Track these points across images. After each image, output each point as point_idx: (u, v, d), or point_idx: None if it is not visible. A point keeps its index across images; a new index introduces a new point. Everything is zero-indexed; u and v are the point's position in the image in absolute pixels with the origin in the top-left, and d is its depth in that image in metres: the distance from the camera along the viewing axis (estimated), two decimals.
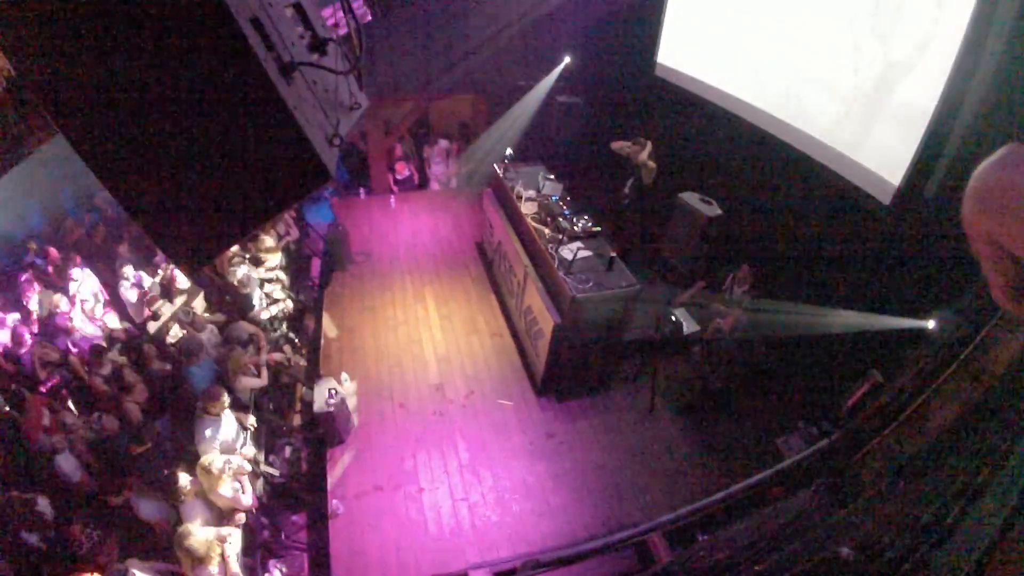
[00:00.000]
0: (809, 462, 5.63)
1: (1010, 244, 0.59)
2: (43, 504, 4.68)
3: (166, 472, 4.89)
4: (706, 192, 8.40)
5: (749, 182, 7.96)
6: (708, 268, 7.68)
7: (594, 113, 10.87)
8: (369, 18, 8.27)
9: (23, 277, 7.21)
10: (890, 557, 2.92)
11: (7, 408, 5.66)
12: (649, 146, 8.25)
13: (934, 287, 5.44)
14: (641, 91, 10.08)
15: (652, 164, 8.23)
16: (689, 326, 6.70)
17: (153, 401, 5.91)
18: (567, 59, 10.76)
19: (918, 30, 5.32)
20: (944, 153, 5.25)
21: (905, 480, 4.38)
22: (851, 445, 5.35)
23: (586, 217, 7.35)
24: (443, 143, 11.73)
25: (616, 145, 8.41)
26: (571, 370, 6.87)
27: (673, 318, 6.74)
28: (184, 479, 4.74)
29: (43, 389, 6.04)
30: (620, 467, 6.30)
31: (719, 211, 8.09)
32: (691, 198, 8.38)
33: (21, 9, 1.45)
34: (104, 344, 6.38)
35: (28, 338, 6.42)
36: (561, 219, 7.32)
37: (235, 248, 7.37)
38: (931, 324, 5.26)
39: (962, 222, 0.64)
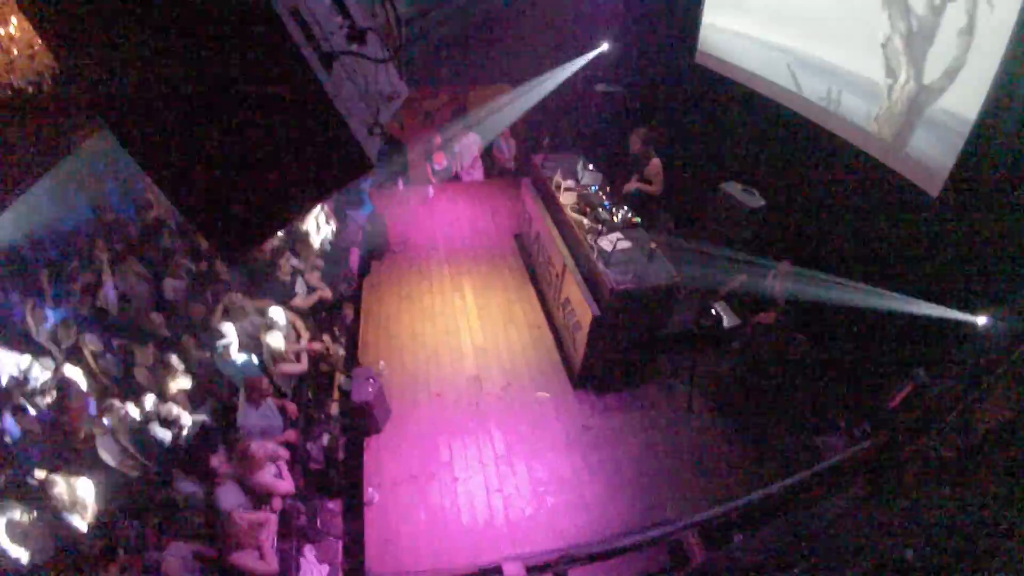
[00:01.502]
0: (850, 463, 5.50)
1: None
2: (85, 486, 4.81)
3: (206, 455, 5.00)
4: (748, 182, 8.23)
5: (793, 172, 7.77)
6: (750, 260, 7.53)
7: (634, 101, 10.71)
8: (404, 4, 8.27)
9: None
10: (946, 561, 2.83)
11: (55, 391, 5.85)
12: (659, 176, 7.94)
13: (984, 284, 5.24)
14: (682, 78, 9.90)
15: (654, 189, 7.97)
16: (729, 320, 6.59)
17: (197, 389, 6.04)
18: (604, 46, 10.61)
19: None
20: (990, 149, 5.07)
21: (951, 485, 4.24)
22: (894, 446, 5.20)
23: (626, 208, 7.27)
24: (473, 136, 11.69)
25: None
26: (609, 363, 6.81)
27: (713, 312, 6.62)
28: (218, 462, 4.84)
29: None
30: (657, 463, 6.23)
31: (762, 202, 7.91)
32: (733, 188, 8.21)
33: (62, 6, 1.46)
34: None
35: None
36: (600, 210, 7.24)
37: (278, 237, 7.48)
38: (981, 321, 5.07)
39: None
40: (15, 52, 4.79)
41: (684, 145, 9.69)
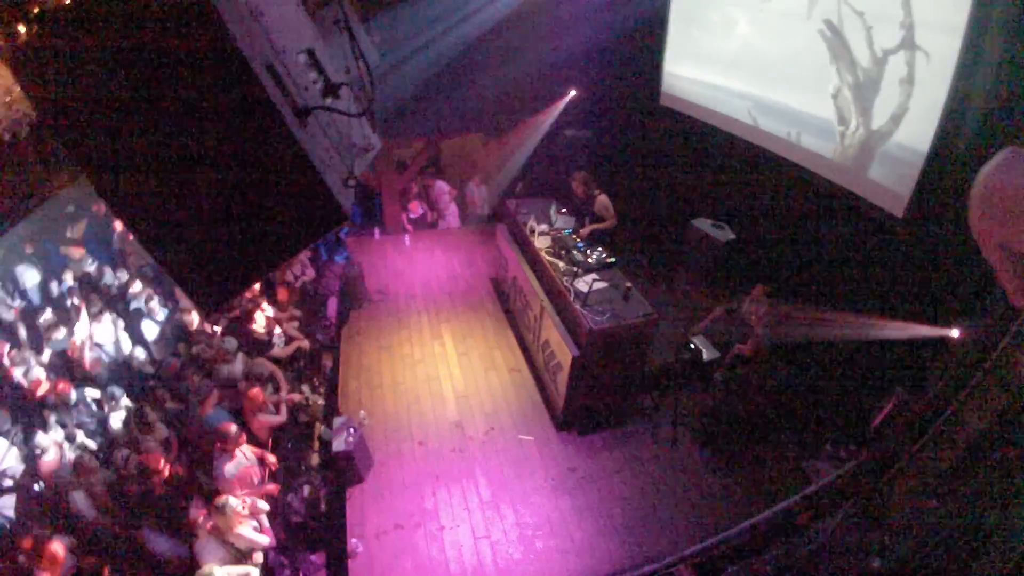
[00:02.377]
0: (838, 485, 5.51)
1: (1019, 246, 0.59)
2: (57, 545, 4.68)
3: (182, 509, 4.89)
4: (717, 217, 8.41)
5: (760, 204, 7.98)
6: (725, 293, 7.65)
7: (602, 145, 10.96)
8: (376, 59, 8.45)
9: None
10: (928, 569, 2.84)
11: (24, 444, 5.74)
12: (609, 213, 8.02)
13: (955, 297, 5.38)
14: (647, 121, 10.18)
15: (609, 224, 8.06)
16: (709, 353, 6.65)
17: (171, 440, 5.95)
18: (572, 92, 10.90)
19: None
20: (953, 159, 5.28)
21: (938, 496, 4.27)
22: (880, 465, 5.23)
23: (600, 248, 7.37)
24: (440, 183, 11.88)
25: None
26: (591, 403, 6.81)
27: (692, 346, 6.69)
28: (197, 515, 4.74)
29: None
30: (645, 500, 6.20)
31: (732, 235, 8.08)
32: (703, 224, 8.39)
33: (46, 55, 1.51)
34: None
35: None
36: (575, 252, 7.34)
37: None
38: (955, 333, 5.18)
39: (970, 228, 0.64)
40: None
41: (653, 185, 9.92)
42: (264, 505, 5.19)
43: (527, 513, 6.07)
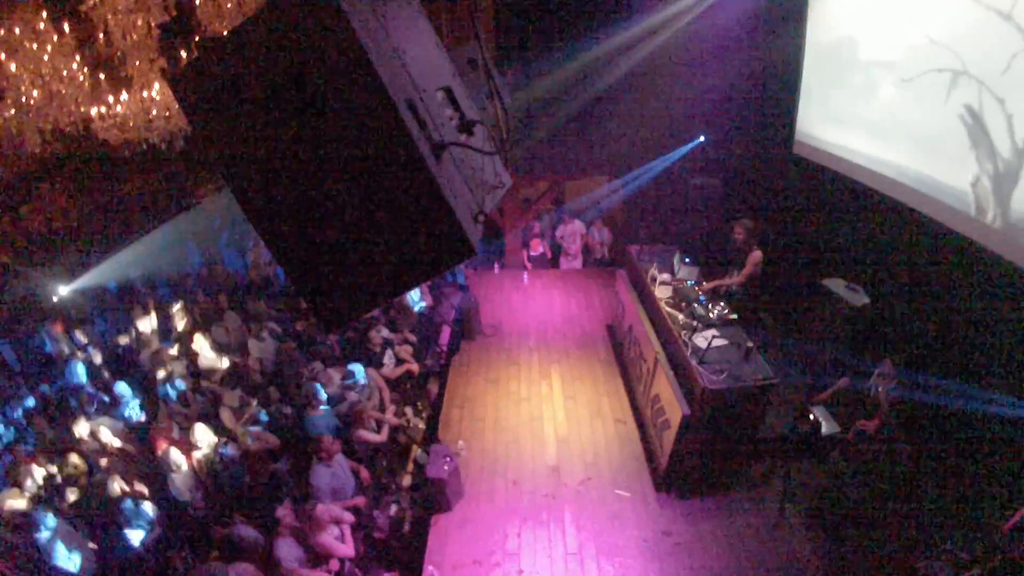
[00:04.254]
0: None
1: None
2: (149, 508, 5.01)
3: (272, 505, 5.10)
4: (852, 278, 7.86)
5: (898, 266, 7.36)
6: (853, 363, 7.10)
7: (731, 194, 10.64)
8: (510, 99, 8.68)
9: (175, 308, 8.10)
10: None
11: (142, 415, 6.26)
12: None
13: None
14: (780, 170, 9.80)
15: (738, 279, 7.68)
16: (829, 427, 6.17)
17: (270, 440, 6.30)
18: (701, 138, 10.70)
19: None
20: None
21: None
22: (1009, 574, 4.67)
23: (722, 304, 7.09)
24: (577, 223, 11.86)
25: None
26: (696, 466, 6.47)
27: (811, 417, 6.24)
28: (283, 514, 4.91)
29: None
30: None
31: (866, 299, 7.52)
32: (836, 285, 7.85)
33: (204, 79, 1.64)
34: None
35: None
36: (696, 305, 7.10)
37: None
38: None
39: None
40: (154, 112, 5.45)
41: (783, 239, 9.47)
42: (349, 516, 5.32)
43: (612, 571, 5.79)
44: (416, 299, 9.04)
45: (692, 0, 9.59)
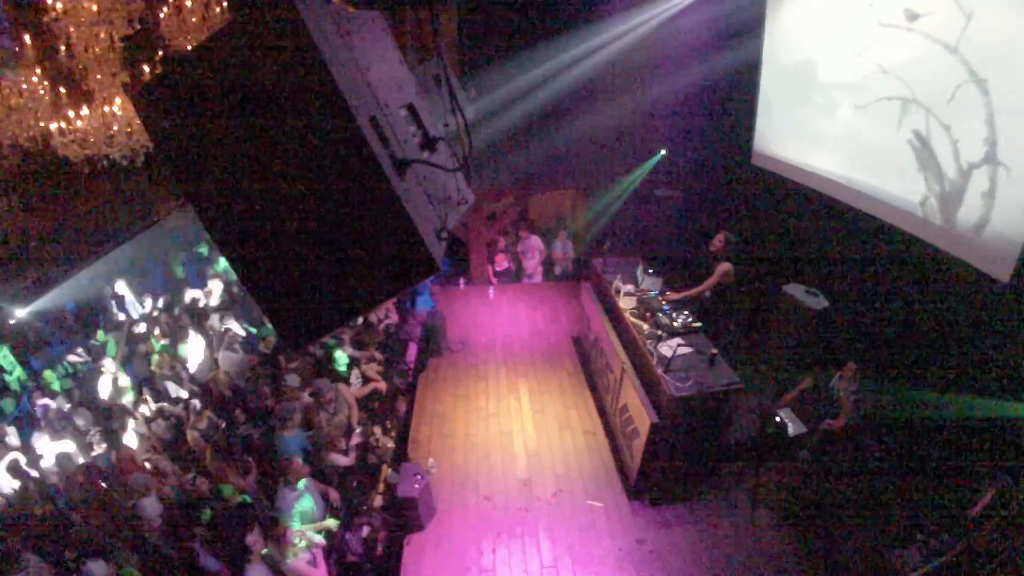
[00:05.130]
0: None
1: None
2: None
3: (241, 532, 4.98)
4: (811, 283, 8.06)
5: (856, 270, 7.60)
6: (816, 365, 7.27)
7: (692, 205, 10.84)
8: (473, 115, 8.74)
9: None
10: None
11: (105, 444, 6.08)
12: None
13: None
14: (740, 181, 10.06)
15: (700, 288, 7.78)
16: (795, 428, 6.30)
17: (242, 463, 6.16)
18: (663, 152, 10.89)
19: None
20: None
21: None
22: (977, 559, 4.82)
23: (686, 312, 7.19)
24: (536, 240, 11.96)
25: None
26: (667, 473, 6.53)
27: (777, 419, 6.36)
28: (253, 540, 4.81)
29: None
30: None
31: (825, 303, 7.71)
32: (796, 290, 8.04)
33: (167, 94, 1.63)
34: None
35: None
36: (660, 314, 7.19)
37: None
38: None
39: None
40: (115, 128, 5.33)
41: (744, 248, 9.66)
42: (321, 540, 5.23)
43: None
44: (381, 317, 8.98)
45: (651, 14, 9.78)
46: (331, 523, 5.60)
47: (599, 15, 9.82)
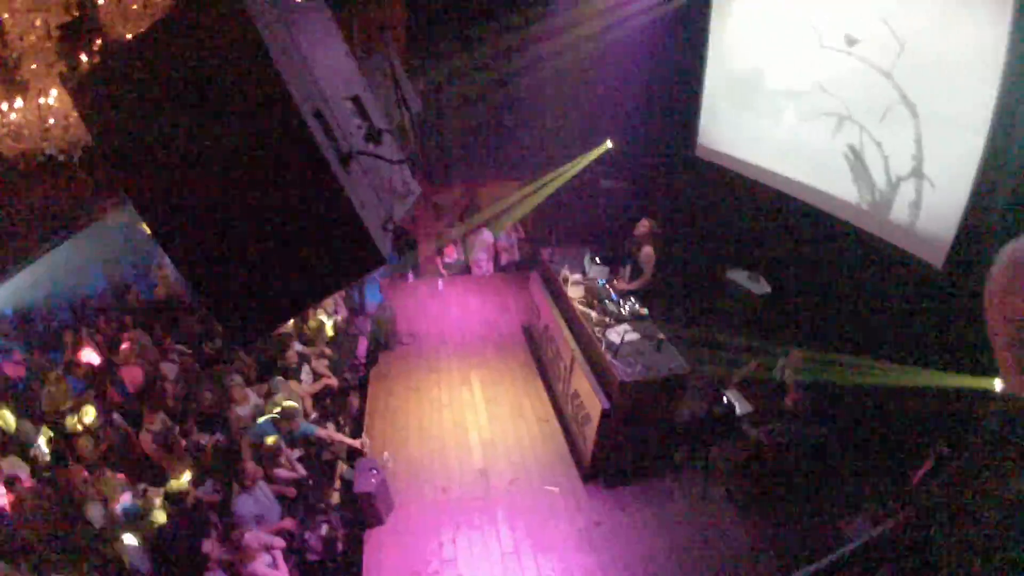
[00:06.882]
0: (876, 545, 5.28)
1: None
2: None
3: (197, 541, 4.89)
4: (753, 268, 8.32)
5: (797, 255, 7.90)
6: (760, 345, 7.51)
7: (637, 195, 11.01)
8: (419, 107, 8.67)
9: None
10: None
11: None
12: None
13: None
14: (684, 172, 10.27)
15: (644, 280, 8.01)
16: (742, 407, 6.51)
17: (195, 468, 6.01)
18: (608, 143, 11.03)
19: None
20: (993, 209, 5.31)
21: (983, 555, 4.07)
22: (921, 523, 5.03)
23: (633, 299, 7.33)
24: (486, 233, 11.96)
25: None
26: (620, 456, 6.67)
27: (725, 400, 6.56)
28: (210, 548, 4.73)
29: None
30: (672, 557, 5.99)
31: (768, 288, 7.98)
32: (739, 275, 8.30)
33: (106, 85, 1.59)
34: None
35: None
36: (608, 302, 7.31)
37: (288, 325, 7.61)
38: (998, 385, 4.99)
39: (985, 297, 0.62)
40: (51, 121, 5.08)
41: (688, 235, 9.90)
42: (280, 541, 5.17)
43: (548, 566, 5.90)
44: (330, 312, 8.86)
45: (599, 8, 9.85)
46: (287, 522, 5.55)
47: (548, 5, 9.85)
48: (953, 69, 5.47)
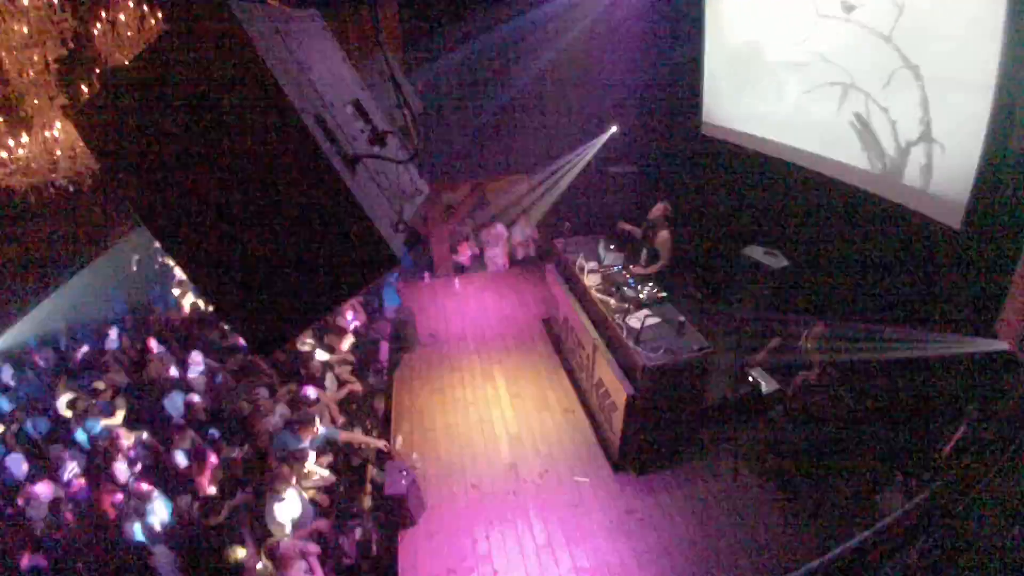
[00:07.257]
0: (912, 517, 5.22)
1: None
2: None
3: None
4: (769, 244, 8.23)
5: (812, 228, 7.79)
6: (781, 322, 7.44)
7: (647, 179, 10.95)
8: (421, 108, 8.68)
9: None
10: None
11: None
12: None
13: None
14: (691, 152, 10.23)
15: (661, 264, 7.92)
16: (768, 385, 6.44)
17: (228, 481, 6.07)
18: (614, 128, 10.96)
19: None
20: (1006, 167, 5.22)
21: (1019, 523, 3.99)
22: (956, 493, 4.96)
23: (651, 283, 7.28)
24: (500, 227, 11.95)
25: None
26: (648, 442, 6.64)
27: (750, 379, 6.50)
28: (242, 555, 4.77)
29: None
30: (707, 541, 5.95)
31: (785, 262, 7.88)
32: (755, 252, 8.20)
33: (108, 110, 1.60)
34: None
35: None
36: (626, 288, 7.27)
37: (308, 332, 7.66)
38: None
39: None
40: (58, 153, 5.15)
41: (701, 215, 9.81)
42: (315, 547, 5.21)
43: (583, 557, 5.90)
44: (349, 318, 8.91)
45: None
46: (321, 523, 5.58)
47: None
48: (953, 28, 5.36)
